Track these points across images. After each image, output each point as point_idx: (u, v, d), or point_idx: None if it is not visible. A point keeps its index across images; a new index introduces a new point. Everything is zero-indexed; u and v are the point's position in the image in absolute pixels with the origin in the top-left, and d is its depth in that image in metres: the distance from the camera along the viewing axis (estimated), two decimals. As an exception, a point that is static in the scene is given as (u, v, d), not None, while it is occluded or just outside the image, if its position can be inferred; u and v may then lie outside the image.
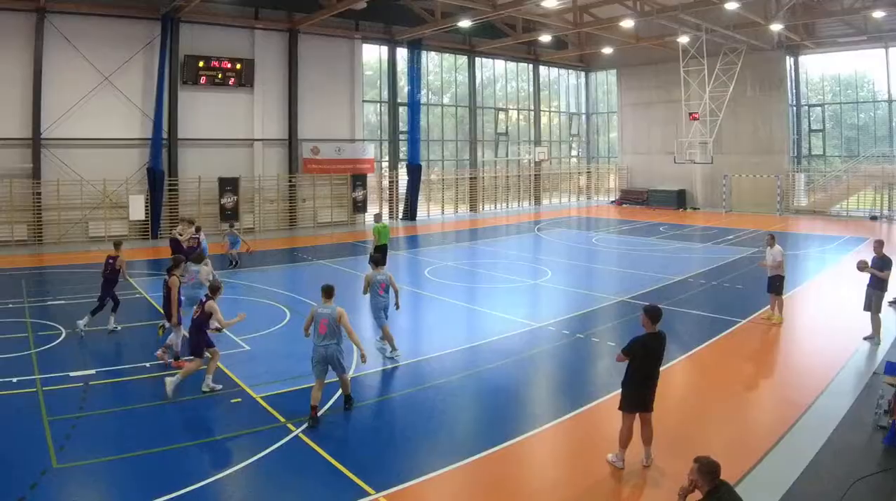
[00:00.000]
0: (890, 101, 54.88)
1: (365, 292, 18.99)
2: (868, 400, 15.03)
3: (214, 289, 16.35)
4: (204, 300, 16.15)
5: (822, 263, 34.84)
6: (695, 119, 54.34)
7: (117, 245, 22.63)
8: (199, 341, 15.85)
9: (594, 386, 16.74)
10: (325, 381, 14.28)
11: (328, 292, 14.68)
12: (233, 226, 34.76)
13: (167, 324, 18.71)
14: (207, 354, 15.95)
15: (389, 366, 18.10)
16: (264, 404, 15.13)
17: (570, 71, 72.51)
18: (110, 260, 21.51)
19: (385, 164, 56.87)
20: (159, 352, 18.03)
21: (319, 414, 14.18)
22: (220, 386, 16.03)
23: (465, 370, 17.84)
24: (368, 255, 23.99)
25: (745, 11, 45.70)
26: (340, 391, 14.83)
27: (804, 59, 59.20)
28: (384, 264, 19.82)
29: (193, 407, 15.26)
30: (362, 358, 14.62)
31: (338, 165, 51.55)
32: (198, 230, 28.05)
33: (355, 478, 11.75)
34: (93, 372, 17.07)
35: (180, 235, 27.94)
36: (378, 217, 33.53)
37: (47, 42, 39.95)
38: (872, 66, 56.23)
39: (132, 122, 43.08)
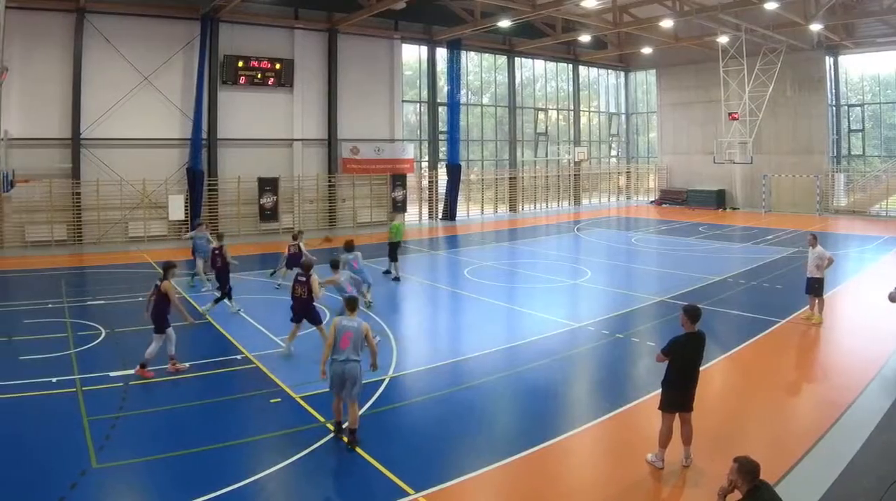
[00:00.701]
0: (929, 102, 53.44)
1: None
2: (908, 400, 15.09)
3: (307, 267, 18.69)
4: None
5: (862, 263, 34.03)
6: (734, 119, 53.32)
7: (220, 237, 24.95)
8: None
9: (633, 386, 16.42)
10: (362, 382, 13.52)
11: (352, 304, 13.71)
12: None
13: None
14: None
15: (429, 366, 17.59)
16: (304, 404, 14.84)
17: (610, 71, 70.88)
18: (216, 251, 23.34)
19: (424, 164, 55.62)
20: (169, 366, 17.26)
21: (360, 414, 13.41)
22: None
23: (504, 370, 17.46)
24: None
25: (785, 11, 44.21)
26: (346, 424, 13.13)
27: (843, 59, 57.40)
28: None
29: (233, 407, 15.02)
30: (373, 366, 13.39)
31: (377, 165, 50.46)
32: (295, 237, 28.13)
33: (395, 478, 11.51)
34: (132, 372, 16.74)
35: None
36: (393, 216, 33.97)
37: (87, 42, 39.19)
38: (912, 66, 55.13)
39: (171, 122, 42.27)
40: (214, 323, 21.19)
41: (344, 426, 13.07)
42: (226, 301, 23.02)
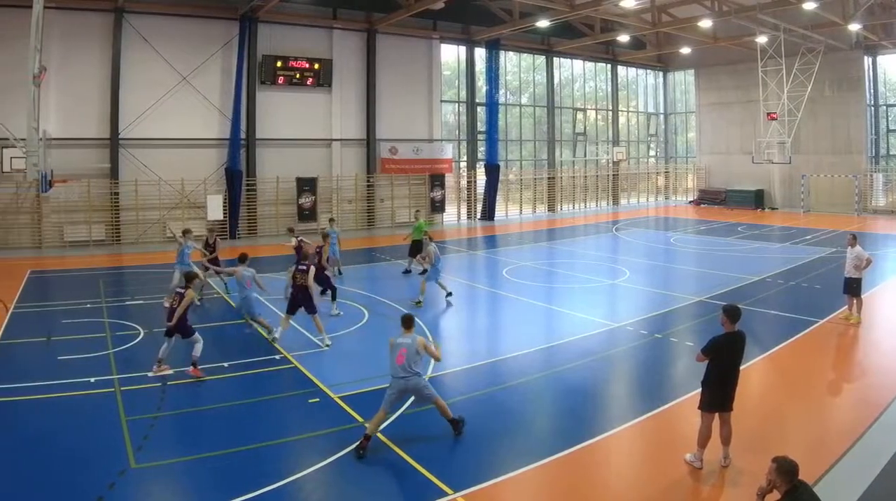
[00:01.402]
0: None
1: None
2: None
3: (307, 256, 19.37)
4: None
5: (900, 263, 33.57)
6: (773, 119, 51.91)
7: (325, 236, 24.33)
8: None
9: (672, 386, 15.98)
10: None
11: (408, 322, 13.29)
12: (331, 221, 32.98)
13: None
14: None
15: (468, 366, 17.27)
16: (342, 404, 14.58)
17: (649, 71, 69.02)
18: (318, 251, 22.69)
19: (463, 164, 54.49)
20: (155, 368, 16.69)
21: (397, 416, 13.54)
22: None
23: (543, 370, 17.19)
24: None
25: (823, 11, 43.13)
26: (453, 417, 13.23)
27: (882, 59, 55.40)
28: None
29: (271, 407, 14.72)
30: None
31: (416, 165, 49.35)
32: (292, 231, 28.40)
33: (433, 478, 11.27)
34: (171, 371, 16.49)
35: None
36: (418, 214, 33.07)
37: (125, 42, 38.42)
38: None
39: (210, 122, 41.44)
40: (252, 323, 20.56)
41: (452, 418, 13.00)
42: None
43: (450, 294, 24.51)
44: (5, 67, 34.04)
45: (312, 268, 19.36)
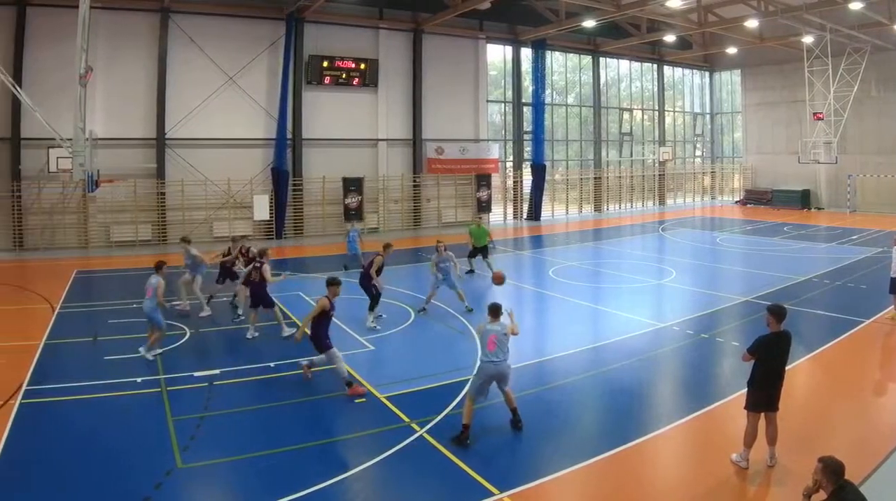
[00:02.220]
0: None
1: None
2: None
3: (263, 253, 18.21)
4: None
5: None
6: (819, 119, 50.36)
7: (387, 247, 22.00)
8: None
9: (718, 386, 15.68)
10: (447, 382, 14.41)
11: (495, 311, 13.25)
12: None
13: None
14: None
15: (515, 366, 15.39)
16: (389, 404, 14.26)
17: (695, 71, 66.74)
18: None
19: (509, 164, 52.84)
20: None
21: (443, 416, 13.47)
22: None
23: (589, 370, 16.80)
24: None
25: (869, 11, 41.85)
26: (507, 407, 13.16)
27: (929, 59, 53.43)
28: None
29: (317, 406, 14.51)
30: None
31: (462, 165, 47.82)
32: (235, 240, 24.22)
33: (479, 478, 11.03)
34: (217, 372, 16.21)
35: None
36: (477, 219, 31.52)
37: (171, 42, 37.50)
38: None
39: (256, 122, 40.36)
40: (299, 323, 18.83)
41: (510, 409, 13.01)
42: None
43: (423, 310, 22.27)
44: (52, 67, 33.37)
45: (267, 265, 19.28)
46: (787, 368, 11.76)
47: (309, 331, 14.92)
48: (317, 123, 42.23)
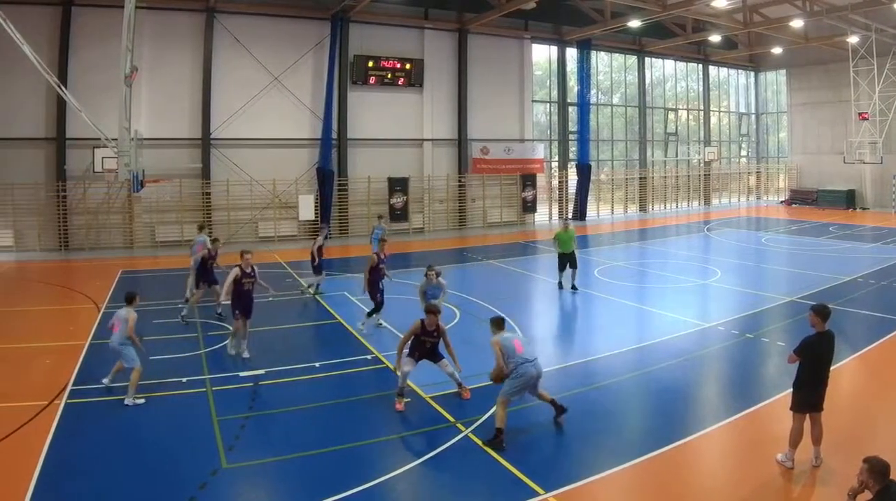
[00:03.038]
0: None
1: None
2: None
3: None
4: None
5: None
6: (864, 119, 49.16)
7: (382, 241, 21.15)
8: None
9: (763, 386, 15.11)
10: (488, 383, 13.11)
11: (501, 323, 13.13)
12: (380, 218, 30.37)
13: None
14: None
15: (560, 366, 16.37)
16: (434, 404, 13.88)
17: (740, 71, 64.22)
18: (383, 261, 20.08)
19: (555, 164, 50.86)
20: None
21: (488, 416, 12.99)
22: None
23: (634, 370, 16.24)
24: None
25: (915, 11, 39.30)
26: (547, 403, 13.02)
27: (974, 59, 50.73)
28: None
29: (362, 407, 14.01)
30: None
31: (507, 165, 46.12)
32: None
33: (524, 478, 10.63)
34: (262, 371, 15.79)
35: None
36: (565, 222, 27.32)
37: (217, 42, 36.31)
38: None
39: (301, 122, 39.01)
40: (344, 323, 19.61)
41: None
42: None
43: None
44: (97, 67, 32.22)
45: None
46: (831, 368, 11.35)
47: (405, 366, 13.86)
48: (362, 123, 40.80)
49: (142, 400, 13.84)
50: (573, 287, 24.67)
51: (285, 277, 26.94)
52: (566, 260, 25.00)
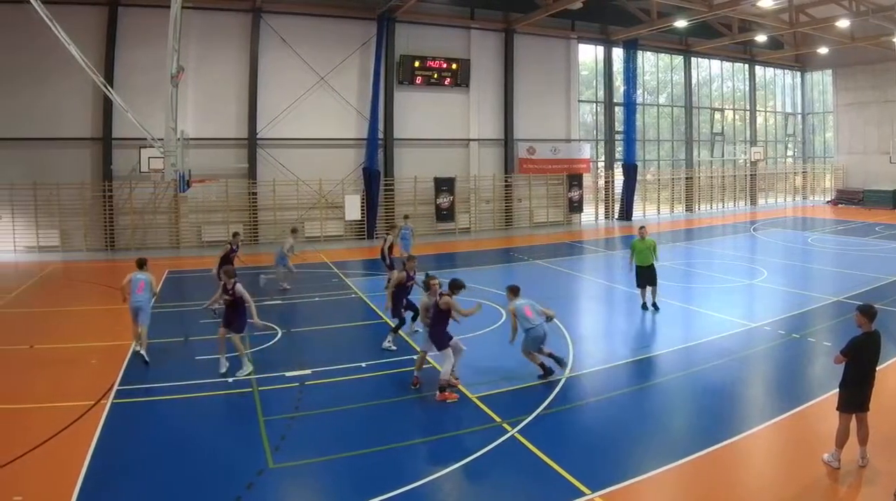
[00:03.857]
0: None
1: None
2: None
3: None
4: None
5: None
6: None
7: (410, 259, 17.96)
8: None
9: (809, 386, 14.49)
10: (535, 382, 14.11)
11: (516, 290, 14.86)
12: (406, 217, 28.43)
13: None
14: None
15: (606, 366, 15.80)
16: (480, 404, 13.25)
17: (786, 71, 61.30)
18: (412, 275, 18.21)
19: (601, 164, 48.68)
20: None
21: (534, 416, 12.57)
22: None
23: (680, 370, 15.61)
24: None
25: (962, 10, 35.89)
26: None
27: None
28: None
29: (409, 407, 13.55)
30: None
31: (553, 165, 44.10)
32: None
33: (570, 478, 10.22)
34: (308, 372, 15.22)
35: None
36: (642, 230, 21.95)
37: (263, 42, 34.88)
38: None
39: (347, 122, 37.41)
40: (391, 323, 18.15)
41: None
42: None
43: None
44: (144, 68, 31.05)
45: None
46: (877, 368, 10.90)
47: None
48: (408, 123, 39.11)
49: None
50: (654, 305, 21.00)
51: (331, 277, 25.62)
52: (644, 275, 21.03)
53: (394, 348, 17.01)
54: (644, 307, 21.02)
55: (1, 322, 20.32)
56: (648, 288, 21.02)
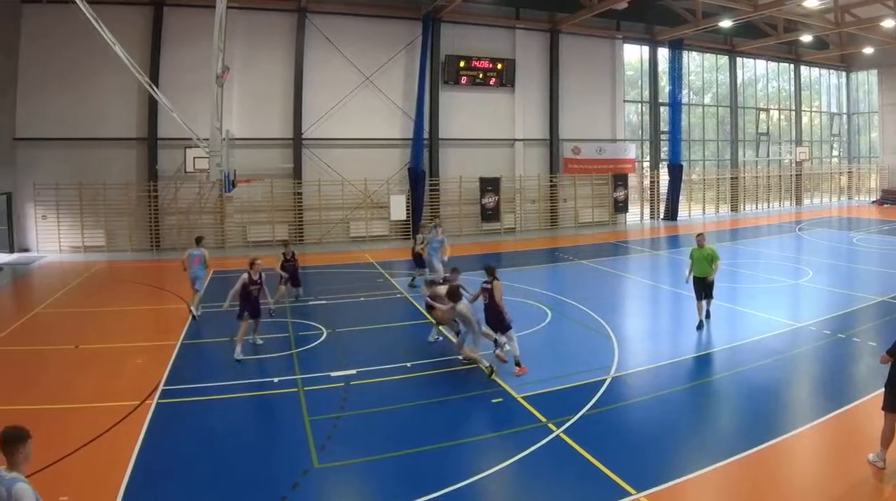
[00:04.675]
0: None
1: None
2: None
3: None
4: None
5: None
6: None
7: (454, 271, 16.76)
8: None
9: (854, 386, 13.65)
10: (584, 382, 13.60)
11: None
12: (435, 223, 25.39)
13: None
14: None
15: (651, 366, 14.99)
16: (525, 404, 12.66)
17: (832, 70, 58.31)
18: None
19: (646, 164, 46.47)
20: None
21: (579, 416, 12.06)
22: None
23: (725, 370, 14.97)
24: None
25: None
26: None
27: None
28: None
29: (454, 407, 12.91)
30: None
31: (599, 165, 42.09)
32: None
33: (616, 478, 9.78)
34: (353, 372, 14.65)
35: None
36: (701, 237, 18.72)
37: (308, 42, 33.35)
38: None
39: (392, 122, 35.78)
40: (435, 323, 17.51)
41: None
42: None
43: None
44: (189, 67, 29.69)
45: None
46: None
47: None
48: (453, 123, 37.30)
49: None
50: (707, 314, 18.34)
51: (377, 277, 24.30)
52: (701, 288, 18.12)
53: (440, 339, 16.81)
54: (700, 326, 17.96)
55: (47, 322, 19.73)
56: (705, 301, 18.17)
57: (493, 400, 13.04)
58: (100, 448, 10.84)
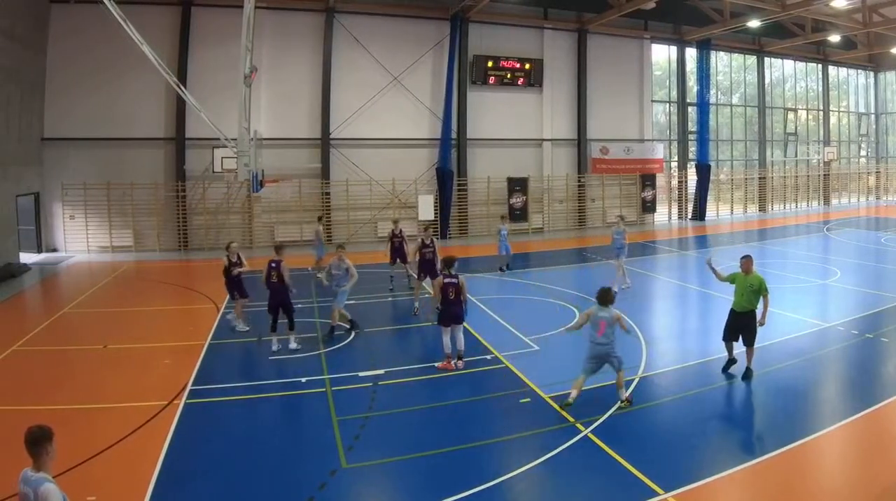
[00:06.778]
0: None
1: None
2: None
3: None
4: None
5: None
6: None
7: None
8: None
9: (883, 387, 13.13)
10: (612, 382, 12.33)
11: (605, 298, 11.91)
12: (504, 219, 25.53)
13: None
14: None
15: (679, 366, 14.49)
16: (553, 404, 12.17)
17: (860, 70, 56.10)
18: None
19: (674, 164, 44.73)
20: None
21: (607, 416, 11.59)
22: None
23: (754, 370, 13.66)
24: None
25: None
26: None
27: None
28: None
29: (482, 407, 12.52)
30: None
31: (627, 165, 40.66)
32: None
33: (644, 478, 9.35)
34: (381, 372, 14.23)
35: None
36: (747, 261, 13.57)
37: (336, 42, 32.14)
38: None
39: (420, 122, 34.48)
40: (464, 324, 16.42)
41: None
42: None
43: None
44: (217, 67, 28.65)
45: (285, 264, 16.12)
46: None
47: None
48: (481, 123, 35.86)
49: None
50: (746, 369, 13.29)
51: (403, 277, 23.34)
52: (738, 324, 13.28)
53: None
54: (725, 368, 13.62)
55: (75, 321, 19.26)
56: (739, 342, 13.33)
57: (521, 400, 12.64)
58: (128, 448, 10.60)
